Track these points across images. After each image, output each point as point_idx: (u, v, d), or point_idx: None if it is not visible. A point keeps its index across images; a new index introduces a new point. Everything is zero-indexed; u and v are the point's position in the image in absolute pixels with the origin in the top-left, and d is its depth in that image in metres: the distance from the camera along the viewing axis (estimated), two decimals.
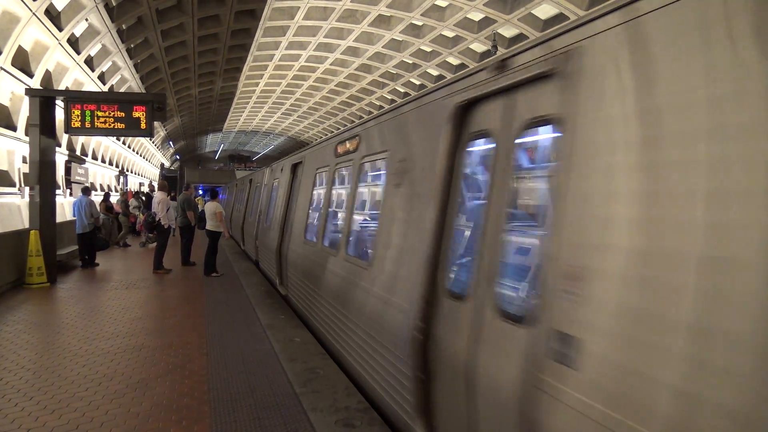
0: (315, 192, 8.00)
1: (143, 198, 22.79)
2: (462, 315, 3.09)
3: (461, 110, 3.47)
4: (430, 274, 3.47)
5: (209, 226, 12.15)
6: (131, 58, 22.66)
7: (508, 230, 2.91)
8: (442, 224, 3.51)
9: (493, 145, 3.12)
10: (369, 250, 5.16)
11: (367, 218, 6.70)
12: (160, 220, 12.36)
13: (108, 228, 17.31)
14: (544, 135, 2.95)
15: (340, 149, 6.69)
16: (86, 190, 14.25)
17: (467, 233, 3.62)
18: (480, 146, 3.49)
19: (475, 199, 3.52)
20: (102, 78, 22.24)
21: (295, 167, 9.84)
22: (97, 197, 18.96)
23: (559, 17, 19.10)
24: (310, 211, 7.97)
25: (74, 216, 13.57)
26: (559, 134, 2.52)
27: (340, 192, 7.10)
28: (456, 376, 3.05)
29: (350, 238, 5.83)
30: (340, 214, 6.99)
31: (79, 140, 24.26)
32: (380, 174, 5.25)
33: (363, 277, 4.89)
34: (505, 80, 2.98)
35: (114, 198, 24.06)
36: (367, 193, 7.44)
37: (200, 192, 42.78)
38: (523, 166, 3.09)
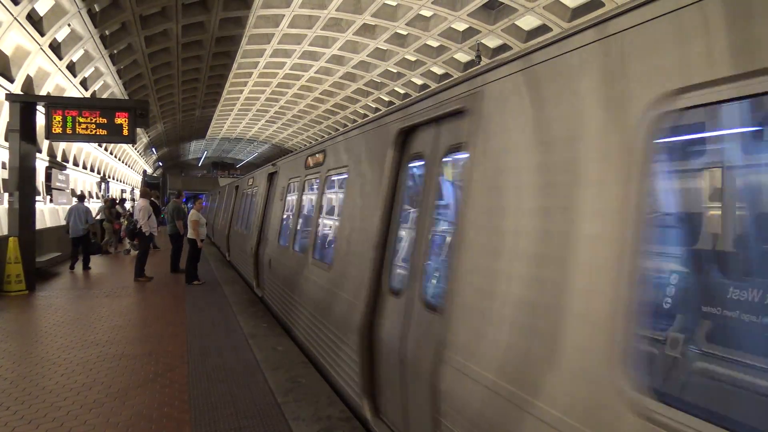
0: (241, 204, 14.27)
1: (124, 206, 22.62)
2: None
3: (269, 176, 9.55)
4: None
5: (189, 234, 12.05)
6: (114, 64, 22.48)
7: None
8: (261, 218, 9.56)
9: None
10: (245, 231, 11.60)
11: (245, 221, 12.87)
12: (141, 227, 12.24)
13: (111, 234, 18.52)
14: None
15: (249, 182, 13.12)
16: (81, 198, 15.03)
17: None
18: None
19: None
20: (84, 84, 22.02)
21: (236, 187, 16.24)
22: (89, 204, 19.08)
23: (542, 28, 19.38)
24: (239, 214, 14.44)
25: (65, 221, 14.10)
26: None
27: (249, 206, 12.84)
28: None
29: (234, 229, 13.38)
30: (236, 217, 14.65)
31: (60, 146, 23.96)
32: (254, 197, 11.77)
33: (239, 235, 12.77)
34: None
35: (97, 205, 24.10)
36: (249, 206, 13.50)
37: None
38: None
